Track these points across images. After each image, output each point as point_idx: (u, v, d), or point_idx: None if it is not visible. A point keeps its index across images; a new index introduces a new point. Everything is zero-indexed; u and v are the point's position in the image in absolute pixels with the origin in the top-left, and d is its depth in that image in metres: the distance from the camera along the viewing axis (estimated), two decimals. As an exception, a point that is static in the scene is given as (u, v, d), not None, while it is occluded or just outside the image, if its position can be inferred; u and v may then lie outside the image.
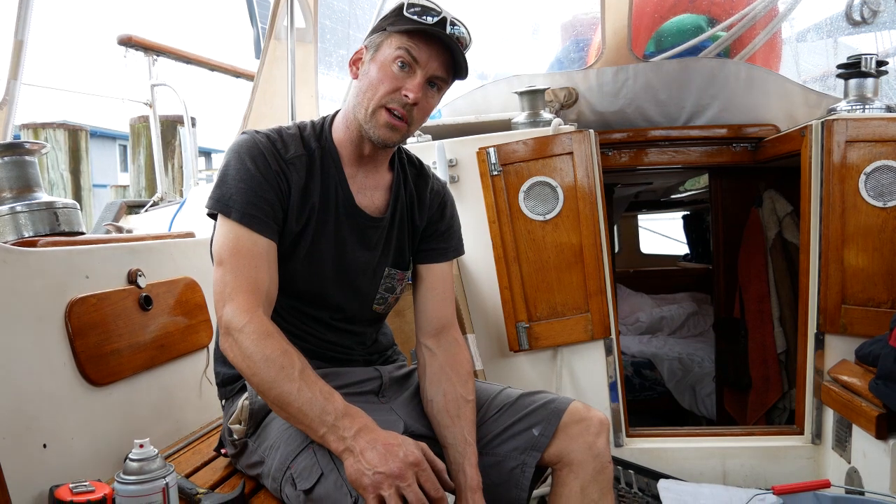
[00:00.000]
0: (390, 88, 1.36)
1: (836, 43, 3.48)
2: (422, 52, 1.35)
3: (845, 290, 2.37)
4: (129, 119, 7.09)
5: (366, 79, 1.40)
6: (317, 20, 3.69)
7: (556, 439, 1.44)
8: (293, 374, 1.23)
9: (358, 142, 1.44)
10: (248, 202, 1.33)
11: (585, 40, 3.58)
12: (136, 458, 1.20)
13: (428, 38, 1.35)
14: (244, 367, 1.28)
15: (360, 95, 1.40)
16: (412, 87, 1.35)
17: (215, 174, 1.56)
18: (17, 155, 2.04)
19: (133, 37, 3.94)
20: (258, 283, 1.32)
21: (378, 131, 1.38)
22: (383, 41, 1.39)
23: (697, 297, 5.05)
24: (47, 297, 1.54)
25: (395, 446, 1.18)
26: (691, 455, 2.55)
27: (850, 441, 2.24)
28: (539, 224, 2.57)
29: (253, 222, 1.33)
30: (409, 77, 1.36)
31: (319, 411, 1.21)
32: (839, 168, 2.37)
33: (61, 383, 1.53)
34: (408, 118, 1.38)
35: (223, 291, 1.31)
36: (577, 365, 2.62)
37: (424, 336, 1.56)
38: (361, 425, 1.21)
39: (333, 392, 1.25)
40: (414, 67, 1.36)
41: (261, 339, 1.26)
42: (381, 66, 1.37)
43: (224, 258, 1.33)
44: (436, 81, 1.39)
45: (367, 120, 1.38)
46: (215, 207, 1.36)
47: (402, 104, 1.36)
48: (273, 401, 1.26)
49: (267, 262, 1.35)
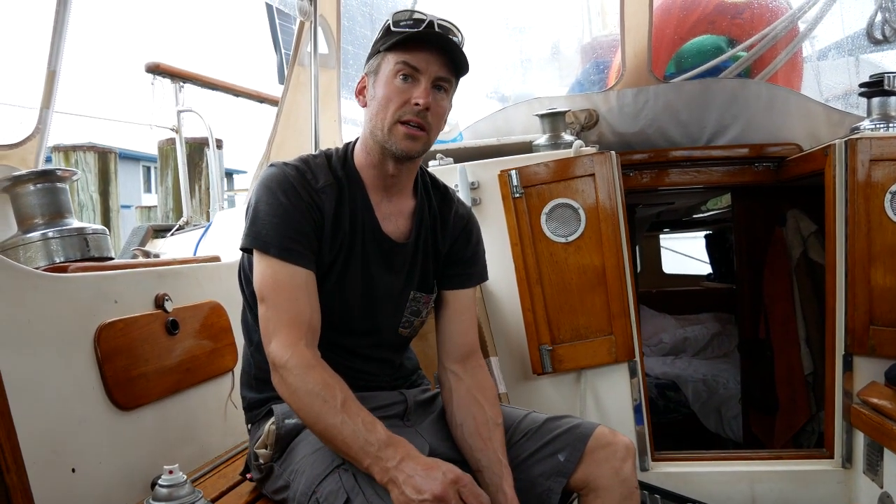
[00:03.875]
0: (400, 102, 1.38)
1: (858, 60, 3.46)
2: (419, 60, 1.38)
3: (873, 311, 2.33)
4: (156, 141, 7.19)
5: (374, 102, 1.42)
6: (339, 46, 3.74)
7: (582, 464, 1.43)
8: (336, 407, 1.25)
9: (380, 164, 1.46)
10: (283, 236, 1.35)
11: (605, 62, 3.59)
12: (166, 484, 1.21)
13: (421, 45, 1.38)
14: (291, 402, 1.32)
15: (374, 118, 1.42)
16: (420, 94, 1.38)
17: (237, 196, 1.58)
18: (50, 182, 2.09)
19: (161, 64, 4.01)
20: (299, 316, 1.34)
21: (399, 144, 1.40)
22: (381, 62, 1.42)
23: (721, 317, 4.98)
24: (77, 322, 1.57)
25: (435, 469, 1.19)
26: (719, 479, 2.51)
27: (881, 465, 2.19)
28: (561, 246, 2.56)
29: (290, 255, 1.35)
30: (414, 86, 1.38)
31: (363, 443, 1.23)
32: (864, 187, 2.34)
33: (90, 407, 1.55)
34: (424, 125, 1.40)
35: (267, 328, 1.34)
36: (602, 388, 2.60)
37: (450, 361, 1.56)
38: (404, 454, 1.22)
39: (375, 422, 1.26)
40: (416, 76, 1.38)
41: (304, 373, 1.28)
42: (385, 84, 1.40)
43: (265, 294, 1.35)
44: (441, 84, 1.41)
45: (386, 138, 1.40)
46: (252, 245, 1.38)
47: (416, 113, 1.38)
48: (320, 434, 1.29)
49: (307, 293, 1.36)
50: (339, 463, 1.31)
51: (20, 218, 2.11)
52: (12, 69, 3.29)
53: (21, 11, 3.27)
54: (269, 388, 1.52)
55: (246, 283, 1.54)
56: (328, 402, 1.25)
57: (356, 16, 4.11)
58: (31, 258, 1.98)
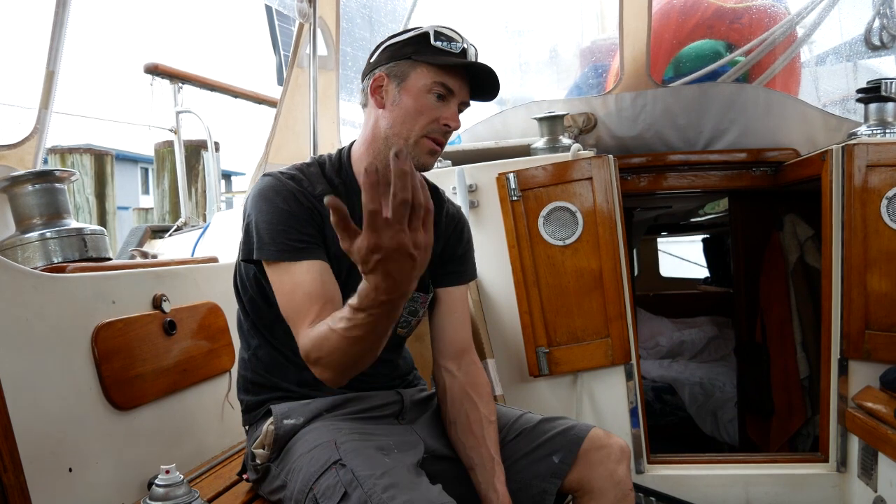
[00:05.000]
0: (430, 119, 1.41)
1: (857, 66, 3.47)
2: (455, 83, 1.41)
3: (868, 316, 2.35)
4: (153, 143, 7.20)
5: (399, 109, 1.42)
6: (339, 48, 3.75)
7: (577, 466, 1.44)
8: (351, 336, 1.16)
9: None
10: (291, 239, 1.35)
11: (604, 66, 3.61)
12: (163, 483, 1.21)
13: (457, 68, 1.41)
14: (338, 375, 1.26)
15: (398, 126, 1.42)
16: (451, 116, 1.42)
17: (235, 198, 1.59)
18: (48, 183, 2.09)
19: (159, 65, 4.02)
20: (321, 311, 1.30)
21: (422, 159, 1.43)
22: (411, 71, 1.41)
23: (718, 320, 4.99)
24: (75, 322, 1.57)
25: None
26: (714, 482, 2.51)
27: (876, 469, 2.20)
28: (559, 249, 2.57)
29: (303, 255, 1.35)
30: (445, 106, 1.42)
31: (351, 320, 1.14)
32: (860, 192, 2.36)
33: (87, 407, 1.56)
34: (444, 142, 1.44)
35: (297, 331, 1.32)
36: (598, 390, 2.60)
37: (444, 359, 1.57)
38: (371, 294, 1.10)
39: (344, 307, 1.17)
40: (448, 98, 1.42)
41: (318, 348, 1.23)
42: (416, 96, 1.40)
43: (284, 291, 1.35)
44: (462, 107, 1.46)
45: (410, 150, 1.41)
46: (261, 257, 1.37)
47: (444, 133, 1.42)
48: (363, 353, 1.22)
49: (321, 282, 1.34)
50: (336, 458, 1.31)
51: (18, 218, 2.11)
52: (11, 69, 3.30)
53: (20, 11, 3.27)
54: (266, 392, 1.53)
55: (243, 291, 1.54)
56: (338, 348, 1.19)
57: (355, 18, 4.13)
58: (29, 258, 1.99)
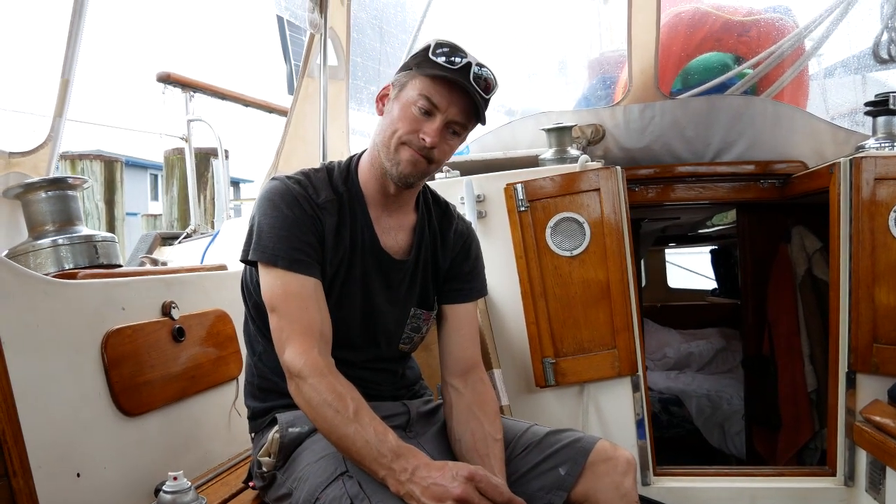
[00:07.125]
0: (408, 129, 1.39)
1: (865, 78, 3.47)
2: (442, 99, 1.37)
3: (876, 329, 2.34)
4: (163, 151, 7.24)
5: (388, 117, 1.43)
6: (349, 58, 3.78)
7: (583, 478, 1.44)
8: (348, 417, 1.26)
9: (382, 181, 1.47)
10: (291, 247, 1.36)
11: (612, 78, 3.62)
12: (170, 490, 1.22)
13: (450, 84, 1.37)
14: (306, 412, 1.33)
15: (382, 133, 1.43)
16: (430, 131, 1.38)
17: (244, 206, 1.60)
18: (61, 189, 2.11)
19: (172, 74, 4.06)
20: (311, 325, 1.35)
21: (400, 167, 1.40)
22: (408, 81, 1.41)
23: (726, 332, 4.97)
24: (85, 328, 1.58)
25: (446, 470, 1.20)
26: (721, 495, 2.50)
27: (884, 484, 2.19)
28: (566, 260, 2.57)
29: (299, 266, 1.36)
30: (427, 121, 1.38)
31: (375, 454, 1.24)
32: (868, 205, 2.35)
33: (96, 413, 1.57)
34: (427, 157, 1.40)
35: (280, 338, 1.35)
36: (604, 401, 2.60)
37: (451, 376, 1.57)
38: (415, 464, 1.23)
39: (387, 431, 1.27)
40: (433, 112, 1.38)
41: (317, 382, 1.29)
42: (403, 106, 1.40)
43: (276, 305, 1.36)
44: (454, 126, 1.41)
45: (389, 157, 1.41)
46: (260, 258, 1.38)
47: (419, 147, 1.39)
48: (335, 444, 1.30)
49: (316, 301, 1.38)
50: (344, 470, 1.32)
51: (31, 224, 2.14)
52: (27, 77, 3.34)
53: (36, 20, 3.31)
54: (272, 398, 1.54)
55: (248, 295, 1.55)
56: (340, 412, 1.26)
57: (366, 28, 4.16)
58: (41, 264, 2.01)
